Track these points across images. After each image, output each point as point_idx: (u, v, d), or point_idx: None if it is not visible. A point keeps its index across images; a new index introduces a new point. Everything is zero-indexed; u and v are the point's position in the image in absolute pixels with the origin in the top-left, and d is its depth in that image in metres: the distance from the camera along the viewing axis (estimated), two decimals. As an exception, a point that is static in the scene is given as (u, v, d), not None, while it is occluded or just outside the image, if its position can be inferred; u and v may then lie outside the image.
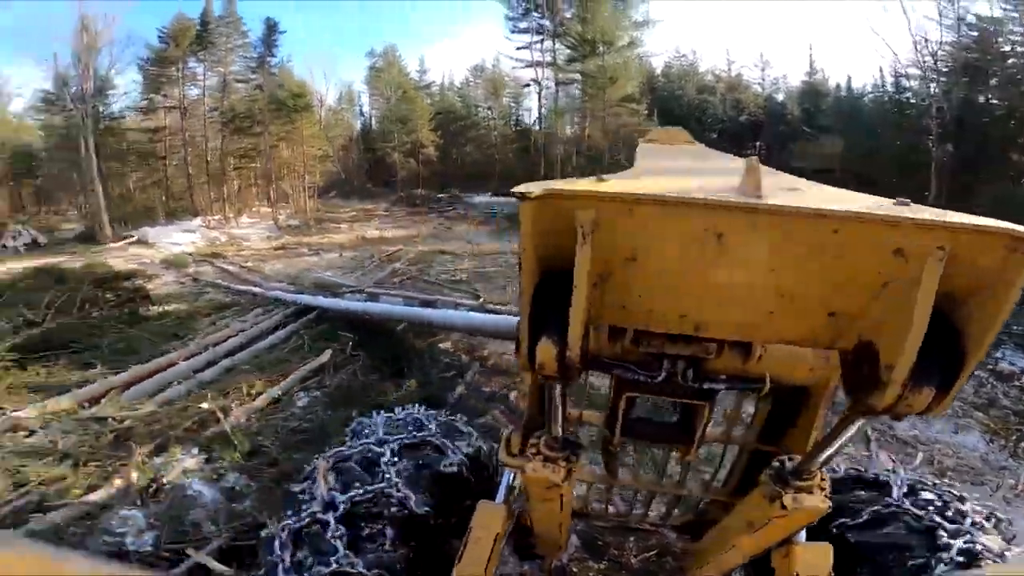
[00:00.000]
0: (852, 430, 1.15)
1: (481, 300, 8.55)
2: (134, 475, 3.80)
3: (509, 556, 2.45)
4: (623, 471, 2.32)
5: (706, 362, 1.33)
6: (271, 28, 31.79)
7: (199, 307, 8.83)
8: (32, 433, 4.52)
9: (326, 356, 5.97)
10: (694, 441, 1.62)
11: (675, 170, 1.66)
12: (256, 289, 9.57)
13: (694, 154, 2.25)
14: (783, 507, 1.30)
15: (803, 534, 1.59)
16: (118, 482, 3.75)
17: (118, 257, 14.78)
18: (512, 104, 37.84)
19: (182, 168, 26.83)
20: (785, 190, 0.99)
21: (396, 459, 2.03)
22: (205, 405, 4.79)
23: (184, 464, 3.96)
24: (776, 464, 1.36)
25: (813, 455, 1.29)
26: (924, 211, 0.89)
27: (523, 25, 29.52)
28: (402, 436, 2.19)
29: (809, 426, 1.53)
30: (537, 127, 32.42)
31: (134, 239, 17.47)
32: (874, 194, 1.01)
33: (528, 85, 31.60)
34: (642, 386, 1.42)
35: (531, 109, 35.61)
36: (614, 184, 1.01)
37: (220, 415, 4.52)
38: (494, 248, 14.35)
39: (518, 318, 1.19)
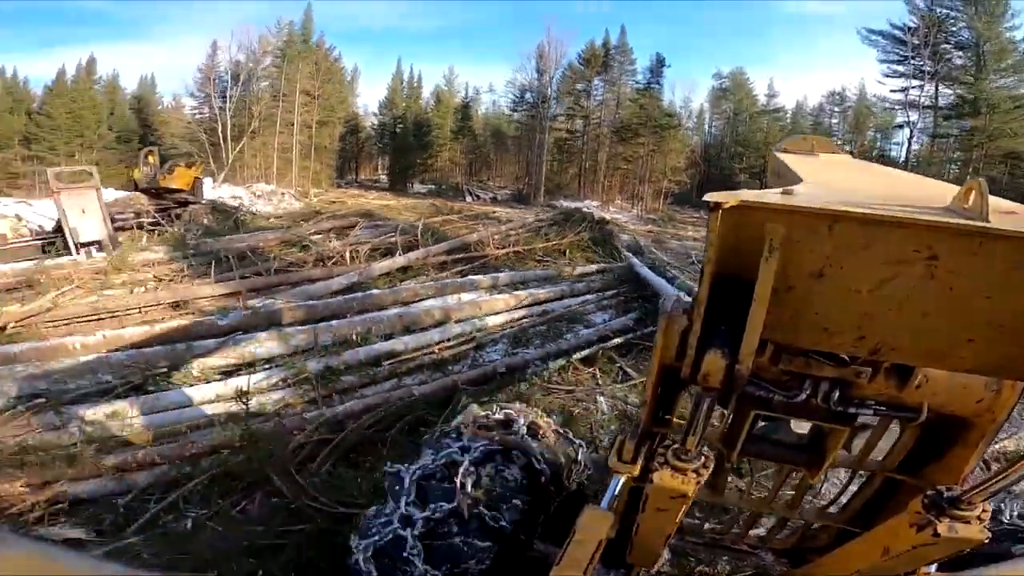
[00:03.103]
0: None
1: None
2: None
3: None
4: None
5: (855, 386, 1.29)
6: (660, 62, 39.01)
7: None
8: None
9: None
10: (823, 464, 1.60)
11: (856, 184, 1.62)
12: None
13: (859, 166, 2.22)
14: (935, 535, 1.25)
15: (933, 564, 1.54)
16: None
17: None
18: (877, 136, 36.54)
19: (577, 162, 37.05)
20: (1003, 213, 0.92)
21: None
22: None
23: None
24: (932, 492, 1.30)
25: (982, 486, 1.21)
26: None
27: (899, 69, 29.22)
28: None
29: (963, 458, 1.46)
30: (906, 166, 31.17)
31: (556, 206, 26.67)
32: None
33: (901, 126, 30.67)
34: (773, 405, 1.40)
35: (902, 143, 33.98)
36: (809, 199, 0.98)
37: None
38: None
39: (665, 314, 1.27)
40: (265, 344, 5.61)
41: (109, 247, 10.39)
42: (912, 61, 28.08)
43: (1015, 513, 2.22)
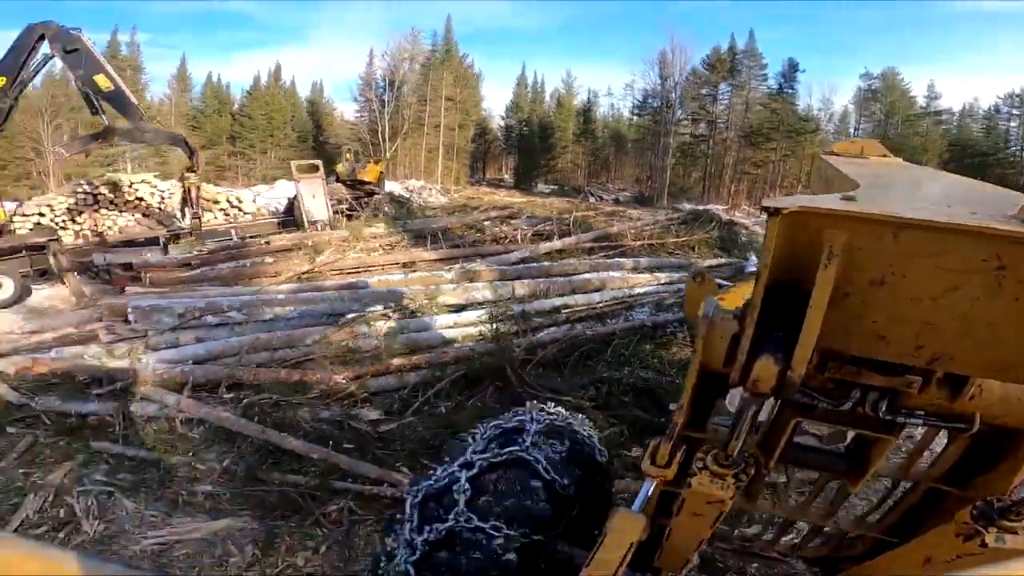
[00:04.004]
0: None
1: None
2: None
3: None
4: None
5: (904, 395, 1.26)
6: (793, 67, 37.52)
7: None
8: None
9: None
10: (865, 473, 1.58)
11: (915, 190, 1.60)
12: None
13: (913, 171, 2.21)
14: (982, 545, 1.24)
15: None
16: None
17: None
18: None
19: (701, 165, 37.12)
20: None
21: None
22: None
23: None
24: (982, 503, 1.30)
25: None
26: None
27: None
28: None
29: (1013, 470, 1.44)
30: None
31: (681, 209, 27.45)
32: None
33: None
34: (817, 412, 1.38)
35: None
36: (871, 205, 0.97)
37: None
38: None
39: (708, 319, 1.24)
40: (482, 291, 7.94)
41: (328, 226, 13.73)
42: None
43: None
